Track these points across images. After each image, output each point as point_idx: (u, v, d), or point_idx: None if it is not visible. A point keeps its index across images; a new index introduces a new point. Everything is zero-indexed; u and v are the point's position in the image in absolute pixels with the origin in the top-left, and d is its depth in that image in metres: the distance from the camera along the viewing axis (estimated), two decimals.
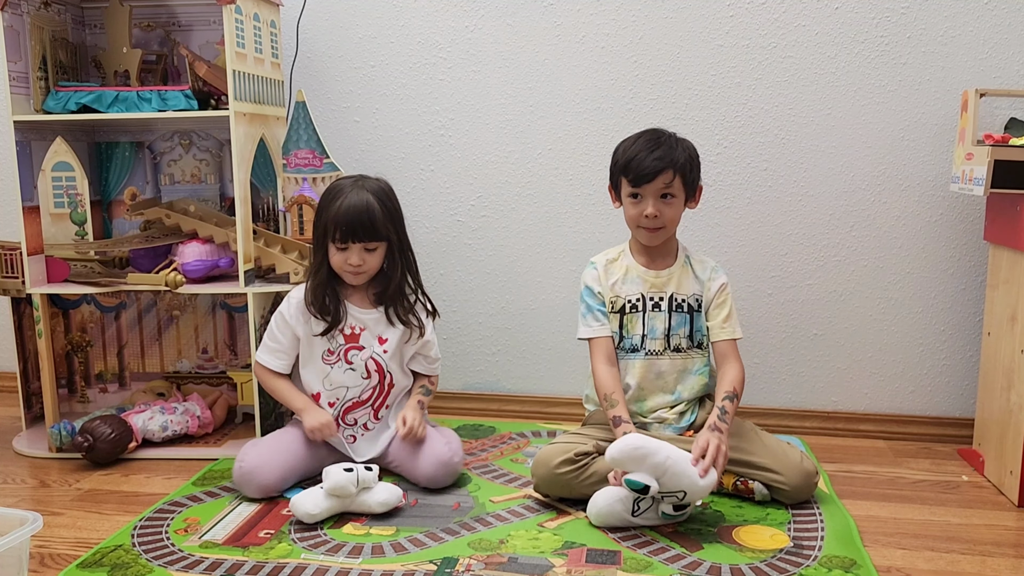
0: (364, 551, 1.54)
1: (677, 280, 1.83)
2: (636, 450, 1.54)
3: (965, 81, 2.02)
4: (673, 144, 1.75)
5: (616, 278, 1.84)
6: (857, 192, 2.11)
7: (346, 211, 1.74)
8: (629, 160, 1.75)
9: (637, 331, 1.83)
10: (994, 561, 1.53)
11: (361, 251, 1.77)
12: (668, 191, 1.74)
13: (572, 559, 1.50)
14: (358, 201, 1.75)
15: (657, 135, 1.77)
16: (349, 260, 1.77)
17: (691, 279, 1.84)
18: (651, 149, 1.73)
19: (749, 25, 2.09)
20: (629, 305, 1.83)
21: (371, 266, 1.80)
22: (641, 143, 1.76)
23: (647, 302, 1.83)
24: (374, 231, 1.76)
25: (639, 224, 1.78)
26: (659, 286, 1.83)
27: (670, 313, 1.82)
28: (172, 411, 2.06)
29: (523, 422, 2.26)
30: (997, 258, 1.90)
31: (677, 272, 1.84)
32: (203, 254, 2.02)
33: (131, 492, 1.82)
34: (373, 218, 1.75)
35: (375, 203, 1.76)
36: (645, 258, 1.85)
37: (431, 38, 2.23)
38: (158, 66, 2.12)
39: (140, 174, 2.24)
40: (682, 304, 1.83)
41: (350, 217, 1.74)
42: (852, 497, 1.79)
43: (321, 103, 2.27)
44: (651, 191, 1.74)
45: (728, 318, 1.83)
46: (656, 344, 1.82)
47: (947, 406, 2.16)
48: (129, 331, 2.27)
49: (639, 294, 1.83)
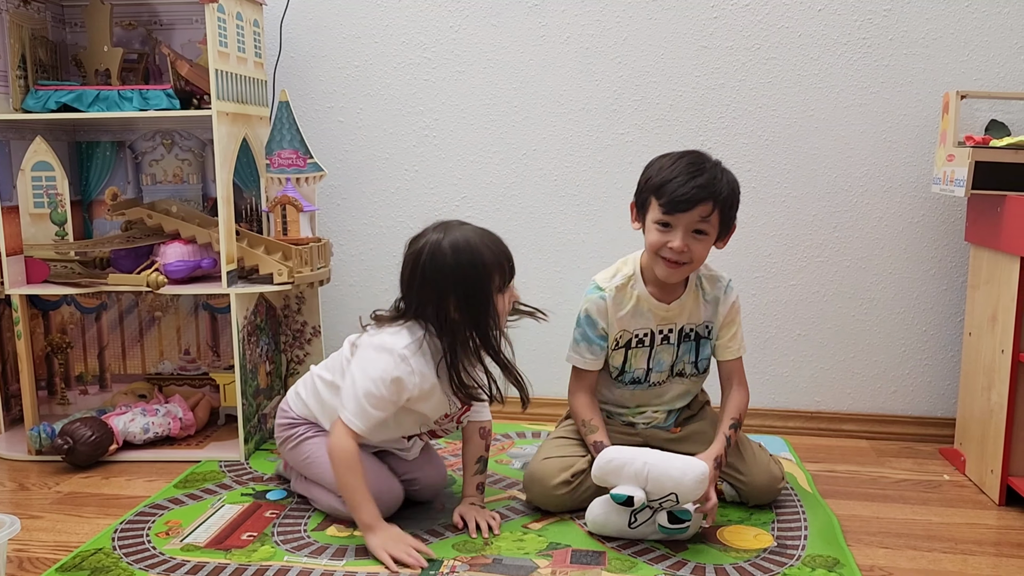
0: (348, 553, 1.53)
1: (689, 310, 1.71)
2: (610, 463, 1.52)
3: (946, 83, 2.04)
4: (718, 175, 1.57)
5: (625, 311, 1.70)
6: (840, 193, 2.12)
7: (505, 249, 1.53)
8: (665, 182, 1.56)
9: (641, 366, 1.74)
10: (975, 559, 1.54)
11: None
12: (702, 226, 1.57)
13: (557, 560, 1.50)
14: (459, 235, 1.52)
15: (702, 160, 1.58)
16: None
17: (701, 305, 1.72)
18: (693, 175, 1.55)
19: (733, 27, 2.10)
20: (636, 340, 1.72)
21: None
22: (682, 165, 1.56)
23: (656, 336, 1.72)
24: None
25: (660, 254, 1.61)
26: (669, 319, 1.71)
27: (679, 345, 1.73)
28: (154, 413, 2.05)
29: (507, 423, 2.26)
30: (978, 259, 1.91)
31: (689, 301, 1.70)
32: (185, 255, 2.01)
33: (112, 495, 1.80)
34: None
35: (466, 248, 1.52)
36: (656, 288, 1.69)
37: (415, 38, 2.22)
38: (139, 65, 2.11)
39: (121, 174, 2.22)
40: (690, 334, 1.73)
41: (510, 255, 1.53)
42: (835, 496, 1.80)
43: (305, 103, 2.26)
44: (684, 222, 1.56)
45: (735, 336, 1.74)
46: (660, 376, 1.76)
47: (929, 406, 2.18)
48: (110, 332, 2.25)
49: (647, 330, 1.71)
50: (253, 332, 2.03)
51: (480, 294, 1.49)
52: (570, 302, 2.25)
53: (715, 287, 1.72)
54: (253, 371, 2.02)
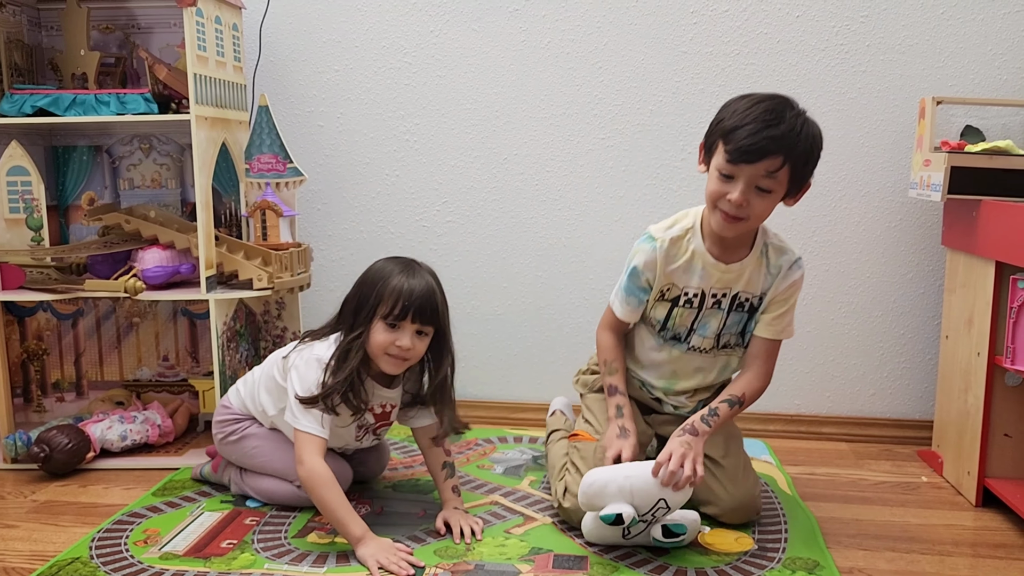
0: (329, 560, 1.52)
1: (748, 276, 1.58)
2: (592, 485, 1.50)
3: (922, 89, 2.06)
4: (798, 127, 1.42)
5: (678, 264, 1.58)
6: (818, 198, 2.14)
7: (410, 288, 1.54)
8: (737, 127, 1.42)
9: (686, 324, 1.63)
10: (952, 560, 1.55)
11: (413, 334, 1.56)
12: (767, 183, 1.44)
13: (539, 565, 1.50)
14: (422, 280, 1.56)
15: (783, 107, 1.43)
16: (399, 342, 1.55)
17: (763, 275, 1.59)
18: (769, 123, 1.41)
19: (712, 32, 2.11)
20: (684, 299, 1.60)
21: (417, 353, 1.59)
22: (759, 111, 1.42)
23: (707, 299, 1.60)
24: (435, 314, 1.57)
25: (717, 205, 1.48)
26: (726, 282, 1.58)
27: (729, 312, 1.61)
28: (131, 420, 2.02)
29: (490, 428, 2.26)
30: (954, 263, 1.94)
31: (750, 266, 1.57)
32: (164, 260, 1.99)
33: (89, 503, 1.78)
34: (436, 300, 1.57)
35: (435, 286, 1.59)
36: (717, 247, 1.57)
37: (396, 43, 2.22)
38: (117, 69, 2.09)
39: (98, 179, 2.20)
40: (744, 303, 1.61)
41: (414, 293, 1.54)
42: (815, 499, 1.81)
43: (284, 107, 2.25)
44: (747, 175, 1.43)
45: (781, 316, 1.60)
46: (704, 342, 1.64)
47: (907, 408, 2.20)
48: (87, 339, 2.23)
49: (699, 289, 1.59)
50: (233, 338, 2.02)
51: (364, 308, 1.57)
52: (551, 306, 2.27)
53: (781, 258, 1.59)
54: (233, 377, 2.00)
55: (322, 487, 1.52)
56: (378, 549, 1.50)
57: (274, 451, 1.72)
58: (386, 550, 1.50)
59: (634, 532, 1.53)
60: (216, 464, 1.85)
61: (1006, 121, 2.05)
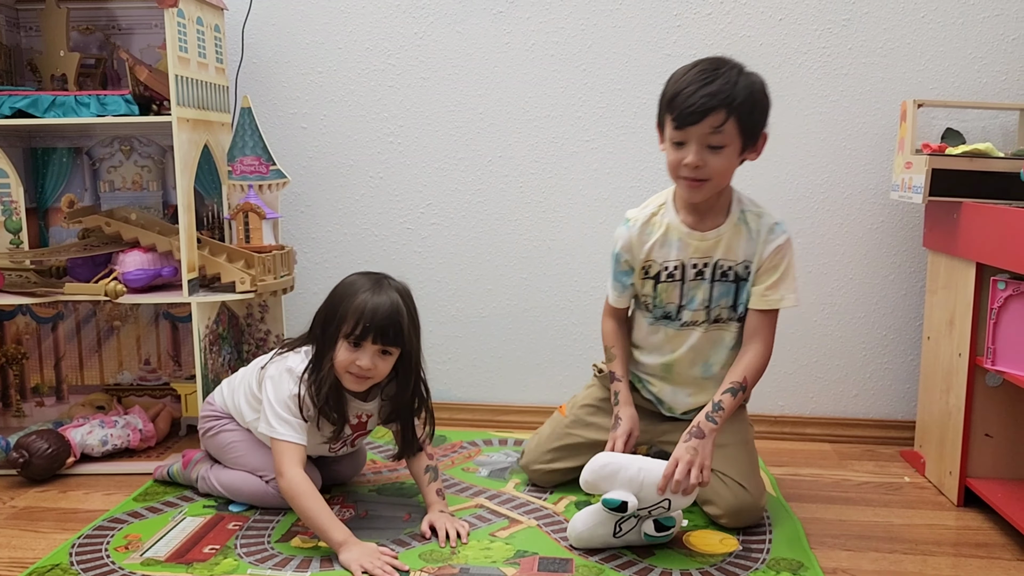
0: (312, 565, 1.51)
1: (727, 243, 1.59)
2: (604, 467, 1.51)
3: (904, 92, 2.08)
4: (733, 78, 1.46)
5: (653, 239, 1.62)
6: (801, 200, 2.15)
7: (373, 307, 1.53)
8: (676, 94, 1.47)
9: (673, 300, 1.64)
10: (935, 560, 1.56)
11: (376, 354, 1.55)
12: (716, 139, 1.47)
13: (524, 568, 1.50)
14: (387, 299, 1.55)
15: (716, 65, 1.47)
16: (359, 361, 1.54)
17: (743, 241, 1.59)
18: (704, 82, 1.44)
19: (696, 35, 2.12)
20: (665, 273, 1.62)
21: (380, 373, 1.58)
22: (694, 74, 1.47)
23: (687, 270, 1.61)
24: (399, 335, 1.55)
25: (679, 174, 1.52)
26: (704, 251, 1.59)
27: (713, 283, 1.61)
28: (112, 425, 2.01)
29: (474, 431, 2.25)
30: (936, 264, 1.95)
31: (728, 233, 1.58)
32: (145, 263, 1.97)
33: (69, 509, 1.76)
34: (401, 321, 1.55)
35: (402, 306, 1.56)
36: (691, 216, 1.59)
37: (380, 44, 2.21)
38: (97, 70, 2.07)
39: (78, 181, 2.18)
40: (728, 272, 1.60)
41: (377, 313, 1.52)
42: (799, 500, 1.82)
43: (267, 109, 2.24)
44: (696, 135, 1.47)
45: (775, 285, 1.58)
46: (694, 315, 1.64)
47: (889, 409, 2.21)
48: (67, 342, 2.21)
49: (678, 261, 1.61)
50: (215, 341, 2.00)
51: (330, 325, 1.57)
52: (536, 309, 2.27)
53: (759, 226, 1.59)
54: (216, 381, 1.99)
55: (302, 497, 1.53)
56: (361, 554, 1.49)
57: (249, 448, 1.75)
58: (369, 554, 1.49)
59: (625, 529, 1.54)
60: (186, 462, 1.84)
61: (986, 124, 2.07)
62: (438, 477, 1.72)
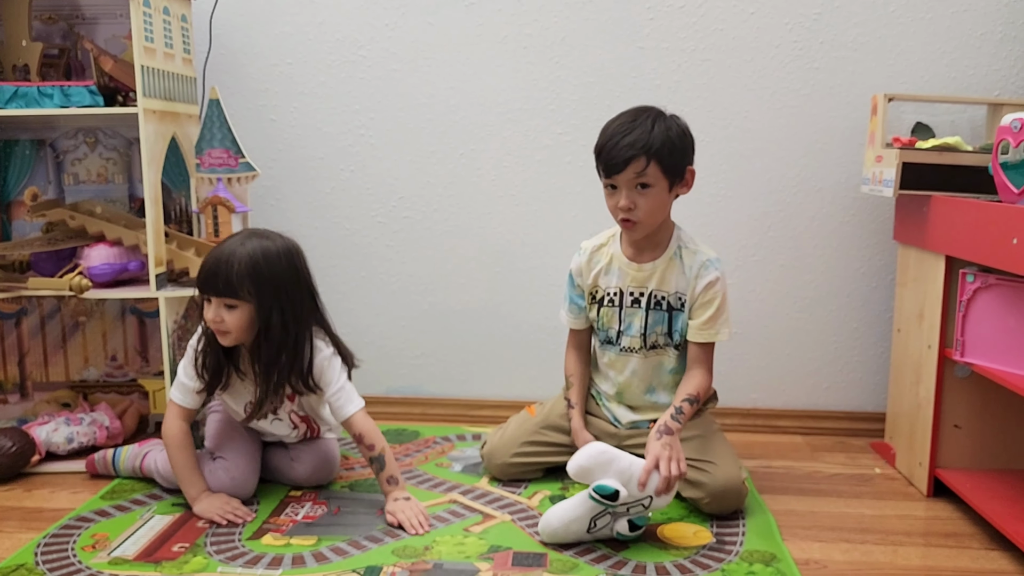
0: (284, 562, 1.49)
1: (660, 275, 1.73)
2: (602, 455, 1.52)
3: (874, 86, 2.09)
4: (649, 126, 1.61)
5: (599, 267, 1.78)
6: (774, 194, 2.16)
7: (207, 263, 1.59)
8: (602, 147, 1.65)
9: (613, 326, 1.78)
10: (905, 550, 1.58)
11: (219, 306, 1.58)
12: (643, 180, 1.62)
13: (498, 563, 1.49)
14: (225, 251, 1.58)
15: (636, 115, 1.64)
16: (207, 314, 1.60)
17: (676, 274, 1.73)
18: (624, 133, 1.61)
19: (668, 28, 2.12)
20: (607, 298, 1.77)
21: (232, 326, 1.58)
22: (615, 126, 1.64)
23: (625, 297, 1.76)
24: (228, 287, 1.56)
25: (616, 216, 1.68)
26: (640, 280, 1.74)
27: (648, 311, 1.75)
28: (78, 422, 1.97)
29: (447, 426, 2.24)
30: (905, 257, 1.97)
31: (662, 266, 1.73)
32: (111, 257, 1.94)
33: (34, 508, 1.73)
34: (229, 272, 1.55)
35: (243, 260, 1.56)
36: (631, 249, 1.76)
37: (350, 36, 2.19)
38: (60, 60, 2.02)
39: (41, 173, 2.14)
40: (661, 302, 1.74)
41: (206, 269, 1.58)
42: (771, 492, 1.83)
43: (236, 101, 2.21)
44: (623, 181, 1.62)
45: (710, 321, 1.71)
46: (632, 341, 1.77)
47: (860, 401, 2.23)
48: (31, 339, 2.16)
49: (617, 288, 1.76)
50: (184, 337, 1.97)
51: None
52: (509, 303, 2.26)
53: (694, 262, 1.73)
54: None
55: (171, 447, 1.68)
56: (211, 504, 1.65)
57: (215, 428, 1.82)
58: (220, 503, 1.66)
59: (600, 526, 1.54)
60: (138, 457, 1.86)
61: (954, 118, 2.09)
62: (385, 465, 1.67)
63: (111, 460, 1.86)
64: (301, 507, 1.72)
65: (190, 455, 1.69)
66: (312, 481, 1.82)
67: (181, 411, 1.70)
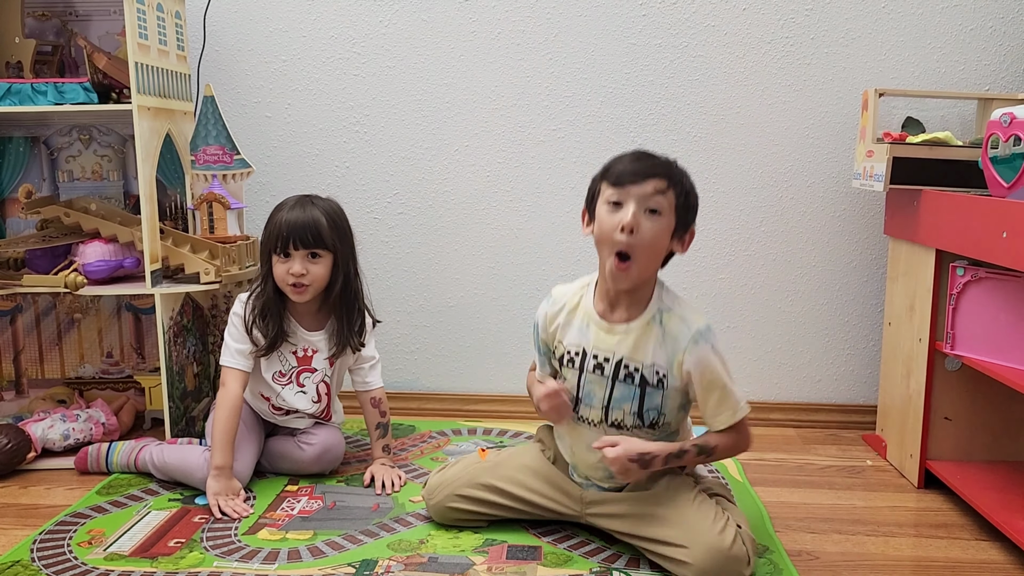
0: (280, 556, 1.50)
1: (633, 342, 1.42)
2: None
3: (865, 81, 2.10)
4: (671, 163, 1.43)
5: (563, 320, 1.50)
6: (765, 188, 2.17)
7: (290, 220, 1.69)
8: (615, 163, 1.42)
9: (571, 390, 1.49)
10: (896, 541, 1.59)
11: (305, 258, 1.70)
12: (656, 205, 1.37)
13: (493, 556, 1.50)
14: (303, 212, 1.71)
15: (653, 153, 1.44)
16: (291, 269, 1.69)
17: (655, 345, 1.42)
18: (646, 156, 1.42)
19: (661, 24, 2.13)
20: (567, 357, 1.49)
21: (315, 276, 1.71)
22: (631, 153, 1.43)
23: (587, 360, 1.46)
24: (319, 239, 1.70)
25: (612, 237, 1.37)
26: (609, 345, 1.44)
27: (613, 382, 1.44)
28: (74, 419, 1.97)
29: (443, 420, 2.25)
30: (896, 251, 1.98)
31: (637, 331, 1.43)
32: (106, 254, 1.94)
33: (30, 504, 1.73)
34: (319, 226, 1.70)
35: (320, 214, 1.71)
36: (603, 303, 1.46)
37: (344, 32, 2.19)
38: (54, 57, 2.02)
39: (35, 170, 2.14)
40: (632, 375, 1.43)
41: (293, 224, 1.69)
42: (764, 484, 1.84)
43: (231, 98, 2.21)
44: (636, 195, 1.36)
45: (724, 401, 1.42)
46: (590, 413, 1.47)
47: (852, 394, 2.25)
48: (26, 335, 2.16)
49: (580, 347, 1.47)
50: (179, 333, 1.98)
51: (265, 247, 1.74)
52: (504, 298, 2.27)
53: (679, 327, 1.42)
54: (180, 373, 1.97)
55: (224, 408, 1.71)
56: (220, 488, 1.68)
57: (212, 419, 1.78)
58: (225, 491, 1.68)
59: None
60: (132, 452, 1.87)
61: (944, 113, 2.10)
62: (387, 434, 1.87)
63: (104, 456, 1.87)
64: (297, 502, 1.73)
65: (234, 425, 1.71)
66: (317, 467, 1.83)
67: (240, 375, 1.74)
